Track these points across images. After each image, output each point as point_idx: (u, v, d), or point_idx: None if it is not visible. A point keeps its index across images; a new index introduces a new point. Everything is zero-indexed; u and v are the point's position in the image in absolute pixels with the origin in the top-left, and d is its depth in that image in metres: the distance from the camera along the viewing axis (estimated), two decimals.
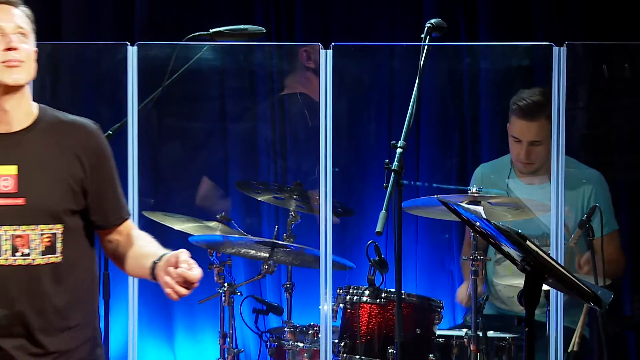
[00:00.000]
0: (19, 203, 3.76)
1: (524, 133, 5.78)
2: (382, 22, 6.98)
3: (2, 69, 3.72)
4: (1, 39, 3.74)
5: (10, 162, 3.77)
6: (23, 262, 3.77)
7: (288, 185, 5.99)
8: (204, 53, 5.61)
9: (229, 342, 5.77)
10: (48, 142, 3.83)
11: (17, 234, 3.77)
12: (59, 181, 3.81)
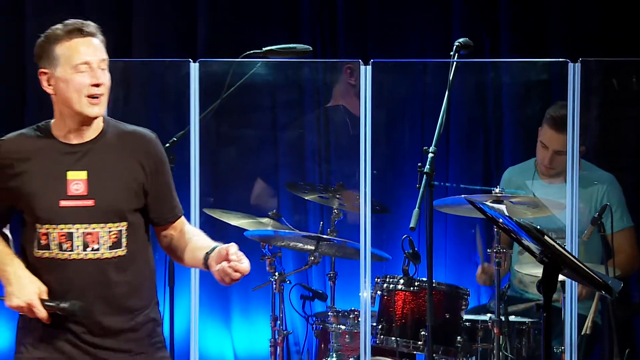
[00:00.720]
0: (89, 204, 3.79)
1: (552, 142, 5.77)
2: (416, 41, 6.98)
3: (86, 102, 3.75)
4: (88, 73, 3.75)
5: (80, 168, 3.79)
6: (93, 256, 3.79)
7: (332, 186, 5.99)
8: (257, 69, 5.63)
9: (279, 325, 5.79)
10: (113, 150, 3.85)
11: (87, 231, 3.79)
12: (123, 184, 3.84)
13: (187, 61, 5.37)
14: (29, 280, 3.72)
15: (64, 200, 3.76)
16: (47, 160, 3.79)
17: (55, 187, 3.77)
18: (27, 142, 3.82)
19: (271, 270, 5.74)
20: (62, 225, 3.77)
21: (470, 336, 5.42)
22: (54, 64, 3.77)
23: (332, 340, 5.64)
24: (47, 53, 3.79)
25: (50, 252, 3.75)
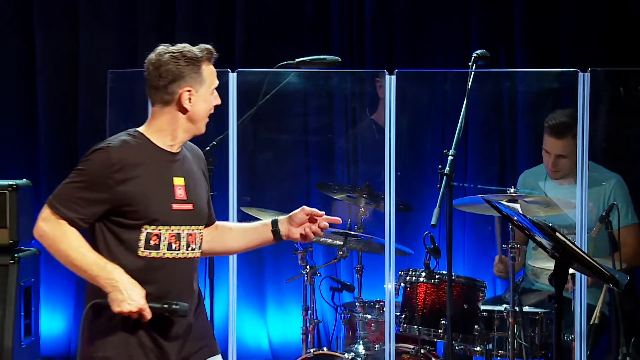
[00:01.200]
0: (189, 208, 3.85)
1: (552, 148, 5.78)
2: (437, 52, 6.99)
3: (204, 122, 3.87)
4: (213, 98, 3.86)
5: (180, 175, 3.85)
6: (191, 256, 3.85)
7: (359, 187, 5.99)
8: (290, 78, 5.66)
9: (310, 314, 5.78)
10: (191, 160, 3.93)
11: (189, 232, 3.85)
12: (204, 190, 3.95)
13: (226, 71, 5.40)
14: (133, 286, 3.68)
15: (174, 203, 3.81)
16: (156, 167, 3.80)
17: (166, 191, 3.81)
18: (132, 150, 3.79)
19: (303, 264, 5.75)
20: (173, 226, 3.81)
21: (486, 325, 5.42)
22: (199, 84, 3.82)
23: (359, 329, 5.66)
24: (192, 74, 3.81)
25: (158, 252, 3.76)
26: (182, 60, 3.78)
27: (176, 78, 3.77)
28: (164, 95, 3.78)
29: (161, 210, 3.78)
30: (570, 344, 5.26)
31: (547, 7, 6.93)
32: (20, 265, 5.62)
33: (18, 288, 5.59)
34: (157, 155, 3.80)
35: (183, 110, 3.80)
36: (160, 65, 3.78)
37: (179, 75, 3.78)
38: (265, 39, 7.12)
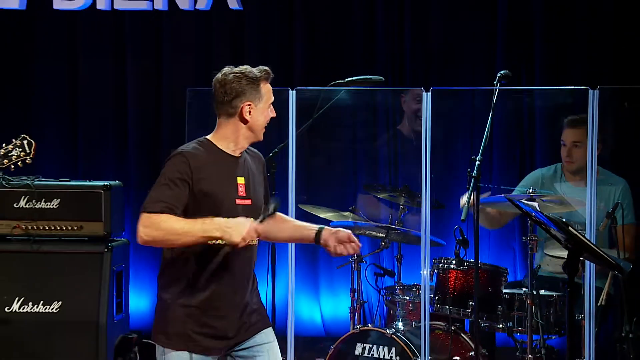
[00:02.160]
0: (248, 203, 3.90)
1: (568, 137, 5.75)
2: (467, 72, 6.98)
3: (262, 131, 3.95)
4: (270, 111, 3.94)
5: (241, 175, 3.91)
6: (250, 243, 3.85)
7: (399, 187, 6.00)
8: (341, 95, 5.69)
9: (357, 296, 5.80)
10: (251, 162, 3.99)
11: None
12: (261, 188, 4.02)
13: (286, 89, 5.44)
14: (234, 221, 3.72)
15: (237, 199, 3.87)
16: (223, 168, 3.86)
17: (231, 189, 3.87)
18: (202, 154, 3.86)
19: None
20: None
21: (508, 306, 5.43)
22: (258, 99, 3.90)
23: (398, 309, 5.68)
24: (252, 91, 3.89)
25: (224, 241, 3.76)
26: (244, 79, 3.88)
27: (238, 94, 3.87)
28: (228, 108, 3.88)
29: (227, 205, 3.83)
30: (581, 322, 5.25)
31: (562, 32, 6.91)
32: (113, 253, 5.67)
33: (111, 272, 5.64)
34: (223, 158, 3.88)
35: (244, 121, 3.88)
36: (225, 83, 3.89)
37: (241, 92, 3.87)
38: (320, 61, 7.15)
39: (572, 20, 6.91)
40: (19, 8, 7.33)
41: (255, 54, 7.31)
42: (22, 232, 5.68)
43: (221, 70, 3.95)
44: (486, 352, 5.48)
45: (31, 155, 4.55)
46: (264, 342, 3.98)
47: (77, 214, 5.68)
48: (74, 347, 5.53)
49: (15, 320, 5.57)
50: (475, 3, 7.06)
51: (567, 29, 6.94)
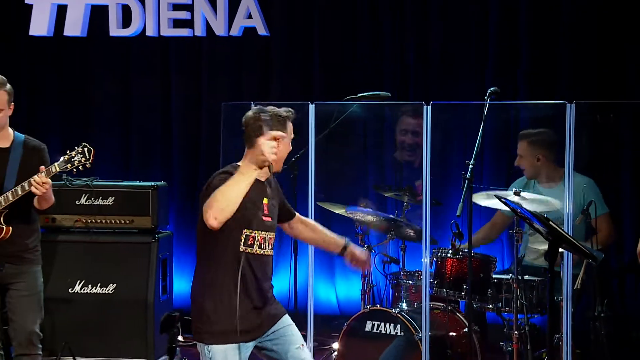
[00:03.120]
0: (269, 220, 3.94)
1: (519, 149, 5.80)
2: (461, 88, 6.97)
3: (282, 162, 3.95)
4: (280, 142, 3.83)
5: (266, 196, 3.94)
6: (270, 253, 3.94)
7: (403, 187, 5.99)
8: (353, 108, 5.68)
9: (367, 280, 5.81)
10: (272, 187, 4.01)
11: (270, 237, 3.94)
12: (276, 208, 4.04)
13: (307, 103, 5.44)
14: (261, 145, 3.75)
15: (264, 216, 3.91)
16: (253, 191, 3.80)
17: (259, 207, 3.89)
18: None
19: (362, 243, 5.75)
20: (264, 232, 3.90)
21: (497, 289, 5.40)
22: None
23: (403, 291, 5.66)
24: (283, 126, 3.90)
25: (252, 249, 3.86)
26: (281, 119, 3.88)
27: (263, 133, 3.81)
28: (252, 143, 3.83)
29: (257, 221, 3.87)
30: (559, 304, 5.21)
31: (546, 53, 6.88)
32: (159, 243, 5.69)
33: (157, 259, 5.66)
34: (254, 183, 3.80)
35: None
36: (247, 124, 3.88)
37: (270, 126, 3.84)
38: (336, 79, 7.16)
39: (555, 41, 6.87)
40: (81, 35, 7.38)
41: (280, 73, 7.34)
42: (83, 225, 5.71)
43: (252, 109, 3.94)
44: (478, 328, 5.45)
45: (90, 161, 4.57)
46: (285, 325, 4.00)
47: (128, 210, 5.70)
48: (126, 322, 5.56)
49: (77, 300, 5.61)
50: (468, 28, 7.05)
51: (550, 49, 6.90)
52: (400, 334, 5.27)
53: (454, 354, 5.35)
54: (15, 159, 4.62)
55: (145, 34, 7.32)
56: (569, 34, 6.82)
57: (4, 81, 4.60)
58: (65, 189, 5.64)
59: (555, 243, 3.95)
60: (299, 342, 4.00)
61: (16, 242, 4.63)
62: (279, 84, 7.32)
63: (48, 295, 5.02)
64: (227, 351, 3.82)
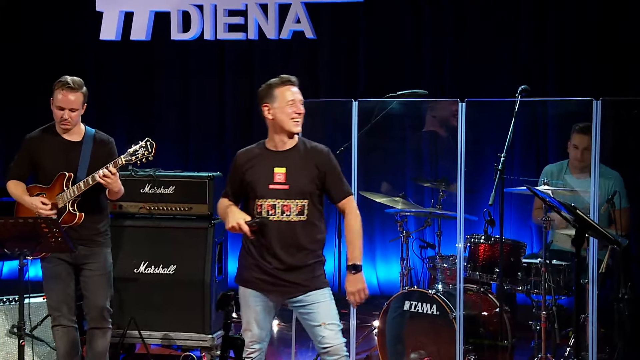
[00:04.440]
0: (285, 187, 3.93)
1: (581, 142, 5.61)
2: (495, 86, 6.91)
3: (291, 123, 3.95)
4: (289, 107, 3.95)
5: (282, 165, 3.95)
6: (286, 219, 3.93)
7: (439, 178, 5.96)
8: (393, 105, 5.64)
9: (405, 263, 5.77)
10: (301, 156, 3.99)
11: (284, 204, 3.94)
12: (305, 176, 3.97)
13: (350, 100, 5.43)
14: (237, 212, 3.97)
15: (271, 185, 3.93)
16: (263, 161, 3.95)
17: (266, 176, 3.94)
18: (251, 152, 4.04)
19: (401, 230, 5.73)
20: (270, 199, 3.93)
21: (526, 272, 5.36)
22: (273, 101, 3.96)
23: (438, 274, 5.63)
24: (268, 95, 3.98)
25: (258, 216, 3.95)
26: (264, 88, 4.04)
27: (260, 100, 4.03)
28: (261, 113, 4.03)
29: (261, 189, 3.94)
30: (585, 286, 5.14)
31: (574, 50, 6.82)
32: (215, 228, 5.70)
33: (213, 243, 5.67)
34: (265, 154, 3.98)
35: (269, 121, 4.00)
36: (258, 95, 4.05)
37: (260, 98, 4.03)
38: (377, 78, 7.15)
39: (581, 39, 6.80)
40: (145, 39, 7.47)
41: (325, 73, 7.34)
42: (146, 212, 5.76)
43: None
44: (508, 308, 5.41)
45: (153, 154, 4.60)
46: (315, 301, 3.98)
47: (187, 198, 5.73)
48: (185, 300, 5.59)
49: (141, 279, 5.66)
50: (501, 30, 6.98)
51: (578, 47, 6.84)
52: (436, 313, 5.24)
53: (486, 332, 5.31)
54: (86, 151, 4.68)
55: (203, 37, 7.38)
56: (595, 31, 6.72)
57: (81, 83, 4.66)
58: (131, 179, 5.70)
59: (582, 230, 3.91)
60: (321, 320, 3.95)
61: (88, 227, 4.69)
62: (324, 83, 7.33)
63: (116, 275, 5.09)
64: (247, 294, 4.04)
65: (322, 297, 3.99)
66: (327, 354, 3.95)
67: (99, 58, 7.65)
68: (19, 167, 4.75)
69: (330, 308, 4.00)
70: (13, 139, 4.91)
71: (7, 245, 4.18)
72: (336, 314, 4.03)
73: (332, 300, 4.02)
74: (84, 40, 7.64)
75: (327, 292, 4.01)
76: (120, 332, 5.40)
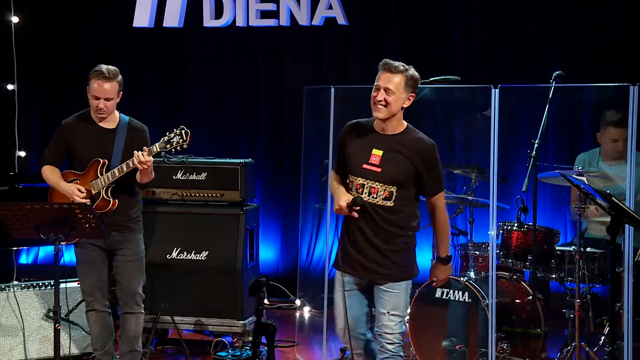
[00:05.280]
0: (377, 170, 3.94)
1: (619, 135, 5.47)
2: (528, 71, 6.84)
3: (373, 107, 3.97)
4: (375, 92, 3.94)
5: (380, 148, 3.96)
6: (371, 200, 3.95)
7: (471, 164, 5.90)
8: (426, 91, 5.57)
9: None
10: (402, 144, 3.96)
11: (372, 185, 3.95)
12: (400, 164, 3.95)
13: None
14: (342, 193, 4.01)
15: (365, 164, 3.96)
16: (364, 140, 3.99)
17: (362, 155, 3.98)
18: (358, 127, 4.04)
19: None
20: (361, 178, 3.97)
21: (560, 260, 5.30)
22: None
23: (470, 261, 5.59)
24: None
25: (351, 193, 4.00)
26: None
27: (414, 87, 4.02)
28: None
29: (355, 166, 3.97)
30: (620, 274, 5.06)
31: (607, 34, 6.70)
32: (247, 215, 5.73)
33: (245, 230, 5.69)
34: (369, 133, 3.99)
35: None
36: None
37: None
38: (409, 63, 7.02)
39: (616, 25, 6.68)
40: (178, 26, 7.48)
41: (357, 59, 7.30)
42: (179, 198, 5.79)
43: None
44: (541, 296, 5.35)
45: (187, 142, 4.62)
46: (385, 290, 4.02)
47: (219, 185, 5.75)
48: (217, 286, 5.62)
49: (174, 265, 5.69)
50: (532, 15, 6.89)
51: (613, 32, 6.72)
52: (468, 300, 5.20)
53: (519, 320, 5.26)
54: (120, 138, 4.71)
55: (235, 24, 7.38)
56: (629, 17, 6.59)
57: (116, 73, 4.68)
58: (164, 165, 5.73)
59: (617, 217, 3.84)
60: (385, 309, 4.00)
61: (121, 213, 4.73)
62: (356, 69, 7.28)
63: (149, 261, 5.12)
64: (338, 276, 4.08)
65: (391, 286, 4.01)
66: (381, 337, 4.05)
67: (132, 45, 7.68)
68: (53, 152, 4.78)
69: (401, 299, 4.04)
70: (49, 125, 4.93)
71: (42, 231, 4.22)
72: (404, 305, 4.08)
73: (406, 292, 4.07)
74: (117, 28, 7.68)
75: (404, 285, 4.04)
76: (153, 317, 5.44)
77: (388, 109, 3.93)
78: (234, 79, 7.58)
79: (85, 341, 5.31)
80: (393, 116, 3.96)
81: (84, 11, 7.68)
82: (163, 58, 7.68)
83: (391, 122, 3.97)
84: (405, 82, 3.96)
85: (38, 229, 4.22)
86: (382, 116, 3.94)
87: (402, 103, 3.97)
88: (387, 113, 3.94)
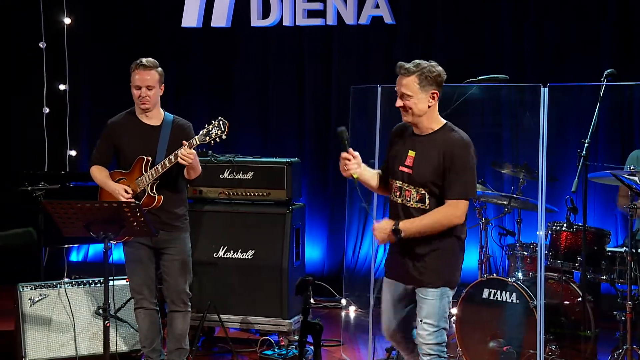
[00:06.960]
0: (410, 172, 3.88)
1: None
2: (578, 70, 6.71)
3: (401, 112, 3.90)
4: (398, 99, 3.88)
5: (414, 149, 3.89)
6: (406, 204, 3.89)
7: (520, 164, 5.81)
8: (473, 90, 5.50)
9: (484, 251, 5.70)
10: (435, 144, 3.85)
11: (406, 188, 3.90)
12: (430, 164, 3.83)
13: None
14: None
15: (401, 166, 3.91)
16: (405, 141, 3.93)
17: (400, 157, 3.93)
18: (401, 131, 3.98)
19: (480, 217, 5.66)
20: (398, 181, 3.93)
21: (610, 261, 5.18)
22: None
23: (518, 262, 5.51)
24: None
25: (391, 196, 3.97)
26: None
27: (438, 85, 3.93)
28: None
29: (394, 168, 3.93)
30: None
31: None
32: (293, 214, 5.72)
33: (291, 229, 5.69)
34: (409, 135, 3.92)
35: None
36: None
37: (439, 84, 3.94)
38: (456, 62, 7.00)
39: None
40: (226, 26, 7.53)
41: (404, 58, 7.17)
42: (225, 197, 5.81)
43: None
44: (591, 298, 5.24)
45: (226, 133, 4.59)
46: (420, 296, 3.92)
47: (266, 184, 5.75)
48: (263, 285, 5.63)
49: (220, 264, 5.72)
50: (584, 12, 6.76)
51: None
52: (516, 302, 5.12)
53: (568, 322, 5.17)
54: (165, 135, 4.73)
55: (282, 24, 7.39)
56: None
57: (155, 63, 4.73)
58: (211, 164, 5.76)
59: None
60: (420, 316, 3.90)
61: (167, 211, 4.75)
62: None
63: (196, 259, 5.15)
64: (383, 281, 4.08)
65: (428, 293, 3.87)
66: (418, 346, 3.97)
67: (180, 45, 7.74)
68: (101, 152, 4.83)
69: (434, 307, 3.87)
70: (99, 125, 4.99)
71: (92, 229, 4.27)
72: (437, 314, 3.88)
73: (440, 300, 3.88)
74: (165, 27, 7.75)
75: (437, 292, 3.86)
76: (200, 315, 5.47)
77: (412, 112, 3.84)
78: (281, 78, 7.60)
79: (133, 338, 5.36)
80: (421, 117, 3.85)
81: (133, 11, 7.76)
82: (210, 58, 7.73)
83: (422, 122, 3.87)
84: (419, 81, 3.80)
85: (88, 227, 4.27)
86: (410, 120, 3.87)
87: (426, 102, 3.81)
88: (413, 116, 3.85)
